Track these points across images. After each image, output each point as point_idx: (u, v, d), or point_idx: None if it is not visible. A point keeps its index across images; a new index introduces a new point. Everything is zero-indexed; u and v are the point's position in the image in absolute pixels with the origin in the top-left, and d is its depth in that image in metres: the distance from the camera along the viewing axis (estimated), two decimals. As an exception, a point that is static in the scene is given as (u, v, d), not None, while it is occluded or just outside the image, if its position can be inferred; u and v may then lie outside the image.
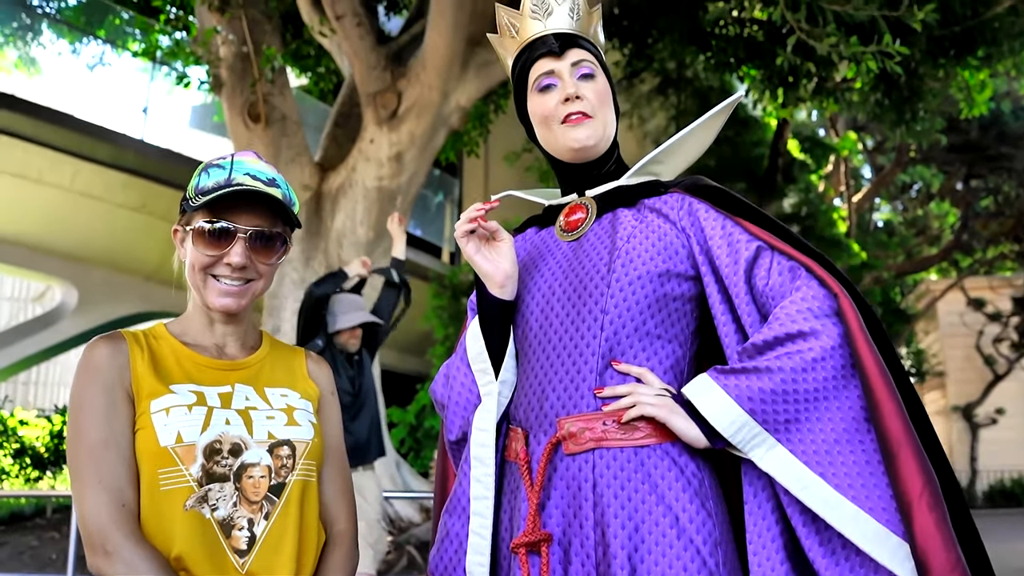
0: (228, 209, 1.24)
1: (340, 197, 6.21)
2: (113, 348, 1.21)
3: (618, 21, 7.32)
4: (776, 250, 1.25)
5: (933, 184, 16.28)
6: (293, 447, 1.23)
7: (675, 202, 1.34)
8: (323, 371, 1.41)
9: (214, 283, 1.25)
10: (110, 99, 9.65)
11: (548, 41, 1.35)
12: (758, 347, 1.17)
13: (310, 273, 6.05)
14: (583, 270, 1.30)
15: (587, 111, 1.33)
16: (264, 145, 6.10)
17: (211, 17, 6.03)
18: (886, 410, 1.10)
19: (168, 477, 1.14)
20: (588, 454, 1.21)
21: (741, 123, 11.49)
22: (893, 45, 4.33)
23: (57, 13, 10.01)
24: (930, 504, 1.04)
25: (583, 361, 1.25)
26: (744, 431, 1.14)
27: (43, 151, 8.62)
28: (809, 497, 1.09)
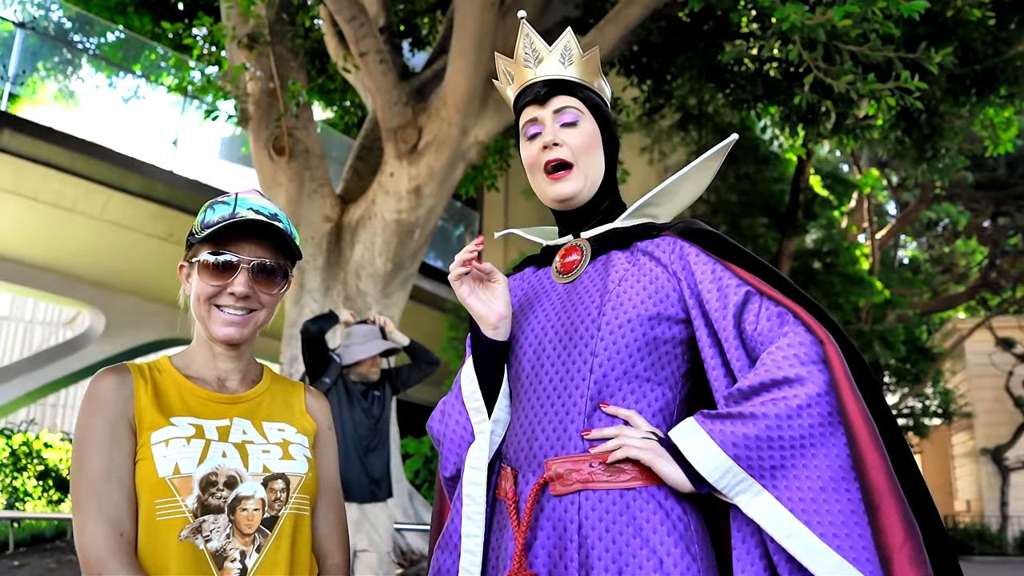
0: (232, 242, 1.28)
1: (360, 229, 6.32)
2: (118, 380, 1.24)
3: (637, 58, 7.43)
4: (765, 295, 1.25)
5: (959, 221, 16.13)
6: (287, 480, 1.25)
7: (667, 246, 1.34)
8: (321, 406, 1.43)
9: (218, 313, 1.28)
10: (142, 131, 9.92)
11: (535, 88, 1.38)
12: (744, 393, 1.17)
13: (329, 303, 6.15)
14: (575, 312, 1.32)
15: (566, 158, 1.35)
16: (287, 177, 6.24)
17: (240, 54, 6.22)
18: (869, 460, 1.10)
19: (164, 508, 1.16)
20: (574, 495, 1.22)
21: (762, 159, 11.50)
22: (911, 81, 4.33)
23: (96, 48, 10.34)
24: (911, 557, 1.04)
25: (572, 403, 1.26)
26: (729, 476, 1.14)
27: (78, 181, 8.85)
28: (794, 545, 1.09)
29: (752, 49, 5.37)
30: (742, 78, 6.34)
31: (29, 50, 9.59)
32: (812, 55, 4.41)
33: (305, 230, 6.30)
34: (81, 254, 10.14)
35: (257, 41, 6.10)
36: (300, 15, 6.43)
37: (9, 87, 9.07)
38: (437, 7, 7.94)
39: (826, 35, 4.17)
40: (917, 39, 4.83)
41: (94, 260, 10.33)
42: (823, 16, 3.95)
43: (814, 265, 12.00)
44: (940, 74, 5.26)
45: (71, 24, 10.13)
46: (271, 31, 6.15)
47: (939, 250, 17.50)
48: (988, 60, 5.62)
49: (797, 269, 11.65)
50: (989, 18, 5.35)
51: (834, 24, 4.04)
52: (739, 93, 6.43)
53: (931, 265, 17.03)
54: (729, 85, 6.55)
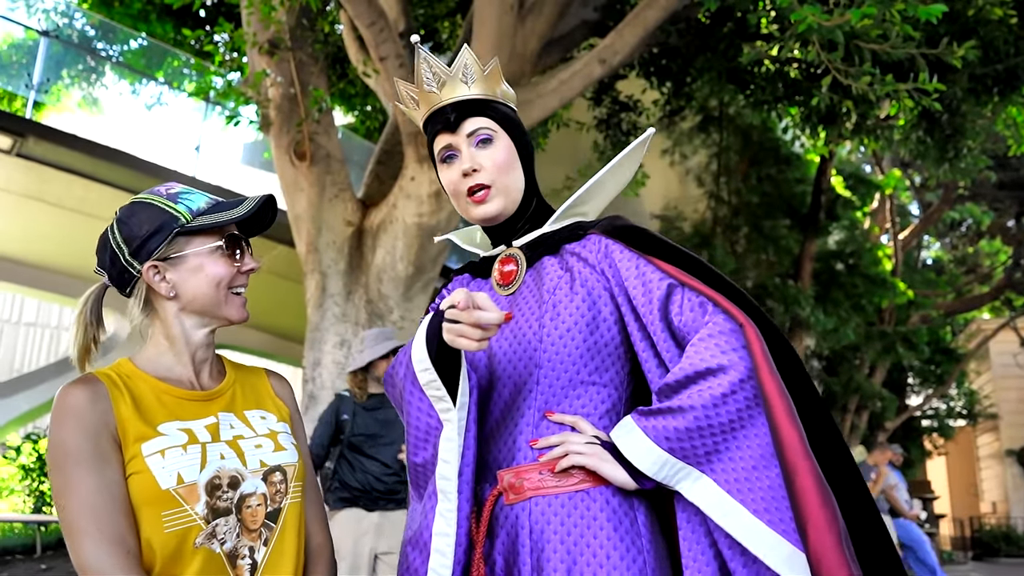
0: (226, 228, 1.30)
1: (381, 233, 6.35)
2: (92, 393, 1.19)
3: (656, 60, 7.41)
4: (686, 286, 1.28)
5: (983, 221, 15.95)
6: (284, 472, 1.27)
7: (593, 245, 1.37)
8: (286, 390, 1.44)
9: (234, 297, 1.30)
10: (165, 138, 10.02)
11: (444, 113, 1.37)
12: (672, 387, 1.22)
13: (351, 307, 6.18)
14: (517, 327, 1.34)
15: (485, 181, 1.36)
16: (309, 182, 6.29)
17: (261, 60, 6.27)
18: (785, 437, 1.13)
19: (172, 518, 1.15)
20: (526, 503, 1.26)
21: (783, 160, 11.43)
22: (930, 82, 4.30)
23: (119, 56, 10.46)
24: (827, 523, 1.06)
25: (520, 415, 1.31)
26: (667, 468, 1.20)
27: (102, 188, 8.94)
28: (730, 523, 1.14)
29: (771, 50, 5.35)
30: (762, 79, 6.32)
31: (53, 58, 9.71)
32: (831, 56, 4.39)
33: (327, 235, 6.34)
34: (105, 260, 10.24)
35: (278, 47, 6.14)
36: (320, 21, 6.48)
37: (34, 95, 9.19)
38: (456, 11, 7.97)
39: (844, 36, 4.14)
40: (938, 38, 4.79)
41: (118, 266, 10.43)
42: (841, 18, 3.93)
43: (836, 266, 11.91)
44: (961, 73, 5.21)
45: (94, 32, 10.25)
46: (292, 37, 6.20)
47: (963, 251, 17.31)
48: (1010, 59, 5.54)
49: (819, 270, 11.57)
50: (1011, 16, 5.30)
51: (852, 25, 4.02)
52: (759, 94, 6.41)
53: (955, 266, 16.85)
54: (749, 86, 6.52)
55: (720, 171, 11.37)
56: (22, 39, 10.25)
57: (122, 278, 1.29)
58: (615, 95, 7.97)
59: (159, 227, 1.25)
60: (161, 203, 1.28)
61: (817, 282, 11.33)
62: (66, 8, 10.49)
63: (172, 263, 1.26)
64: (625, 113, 7.86)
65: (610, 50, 5.68)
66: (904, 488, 8.38)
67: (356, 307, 6.22)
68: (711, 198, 11.47)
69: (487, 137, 1.37)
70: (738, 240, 11.65)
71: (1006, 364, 18.32)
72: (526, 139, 1.44)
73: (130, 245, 1.26)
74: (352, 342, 6.10)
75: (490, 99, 1.39)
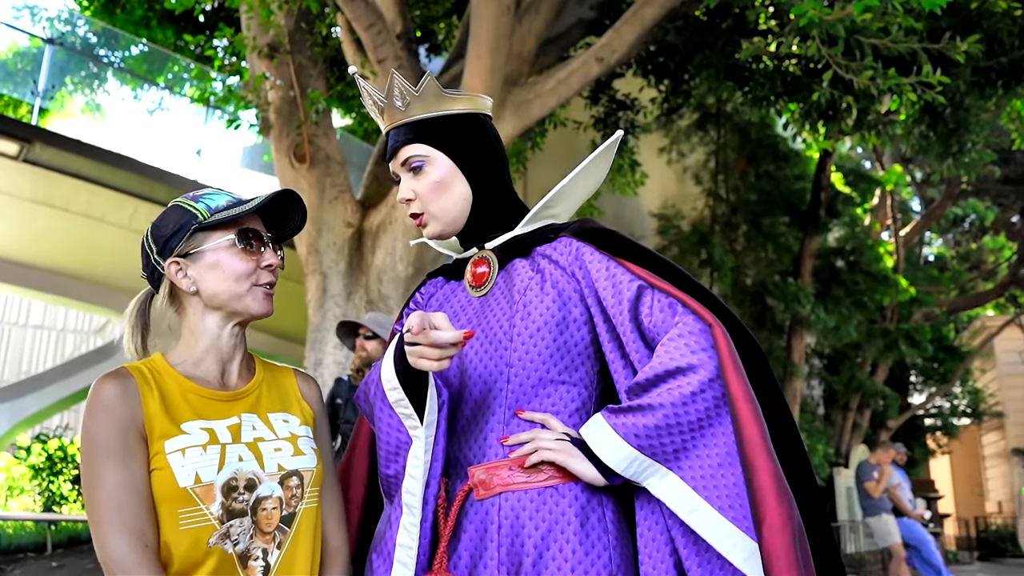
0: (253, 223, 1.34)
1: (380, 234, 6.38)
2: (123, 387, 1.23)
3: (654, 58, 7.43)
4: (656, 288, 1.32)
5: (987, 217, 15.90)
6: (301, 477, 1.29)
7: (563, 247, 1.41)
8: (313, 391, 1.47)
9: (258, 290, 1.32)
10: (167, 142, 10.10)
11: (388, 141, 1.44)
12: (642, 385, 1.25)
13: (351, 308, 6.22)
14: (489, 327, 1.38)
15: (417, 210, 1.42)
16: (309, 184, 6.33)
17: (261, 63, 6.33)
18: (747, 436, 1.17)
19: (189, 517, 1.18)
20: (495, 498, 1.28)
21: (782, 157, 11.42)
22: (933, 75, 4.28)
23: (121, 62, 10.54)
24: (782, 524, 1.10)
25: (491, 413, 1.33)
26: (635, 465, 1.22)
27: (107, 192, 9.03)
28: (695, 519, 1.17)
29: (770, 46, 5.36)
30: (761, 76, 6.32)
31: (57, 65, 9.80)
32: (832, 51, 4.38)
33: (327, 236, 6.38)
34: (111, 263, 10.34)
35: (277, 50, 6.19)
36: (318, 24, 6.53)
37: (39, 101, 9.27)
38: (453, 12, 8.02)
39: (845, 30, 4.13)
40: (940, 32, 4.76)
41: (123, 268, 10.51)
42: (842, 12, 3.93)
43: (837, 264, 11.90)
44: (965, 67, 5.18)
45: (97, 39, 10.33)
46: (290, 40, 6.24)
47: (966, 247, 17.26)
48: (1014, 52, 5.50)
49: (820, 268, 11.55)
50: (1015, 9, 5.27)
51: (853, 19, 4.01)
52: (758, 91, 6.40)
53: (958, 262, 16.79)
54: (748, 83, 6.53)
55: (718, 169, 11.36)
56: (27, 47, 10.34)
57: (153, 277, 1.36)
58: (612, 94, 7.99)
59: (180, 225, 1.32)
60: (185, 204, 1.34)
61: (818, 280, 11.31)
62: (69, 16, 10.58)
63: (192, 259, 1.31)
64: (623, 112, 7.89)
65: (608, 48, 5.71)
66: (908, 487, 8.36)
67: (357, 308, 6.26)
68: (709, 196, 11.46)
69: (418, 165, 1.41)
70: (737, 238, 11.64)
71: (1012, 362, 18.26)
72: (476, 147, 1.43)
73: (157, 244, 1.33)
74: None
75: (427, 118, 1.40)
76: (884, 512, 7.78)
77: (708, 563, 1.17)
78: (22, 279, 10.46)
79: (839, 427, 13.14)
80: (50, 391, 11.21)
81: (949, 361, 13.92)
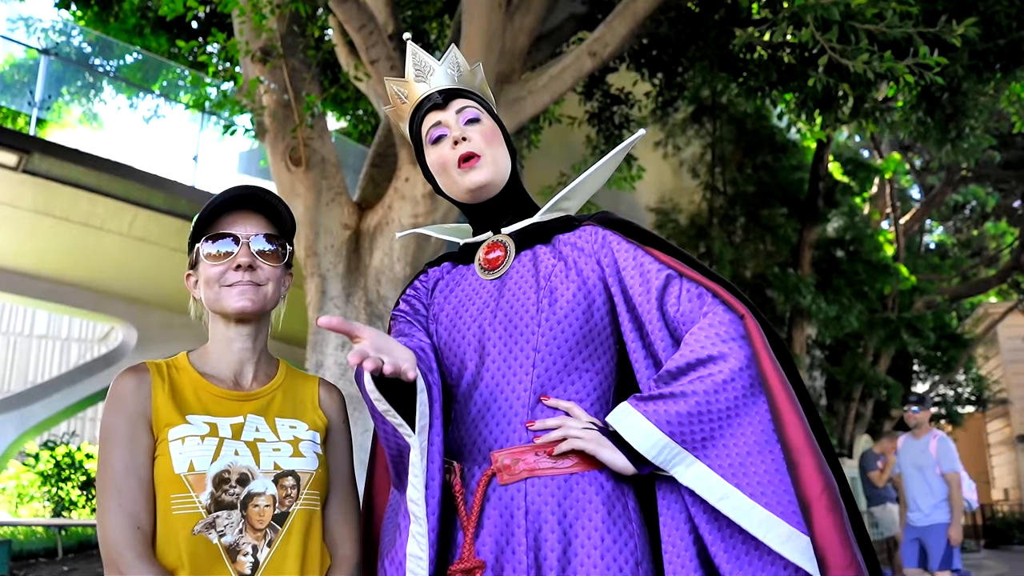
0: (228, 225, 1.36)
1: (378, 235, 6.39)
2: (137, 380, 1.32)
3: (647, 52, 7.42)
4: (684, 277, 1.34)
5: (988, 203, 15.86)
6: (298, 478, 1.30)
7: (589, 235, 1.43)
8: (334, 401, 1.47)
9: (227, 290, 1.35)
10: (164, 149, 10.14)
11: (433, 97, 1.44)
12: (672, 373, 1.26)
13: (350, 309, 6.23)
14: (512, 310, 1.37)
15: (475, 150, 1.41)
16: (305, 187, 6.34)
17: (255, 68, 6.34)
18: (788, 421, 1.19)
19: (179, 503, 1.23)
20: (521, 483, 1.28)
21: (779, 148, 11.41)
22: (931, 57, 4.24)
23: (116, 70, 10.57)
24: (828, 506, 1.12)
25: (515, 397, 1.32)
26: (666, 452, 1.23)
27: (106, 200, 9.08)
28: (727, 506, 1.18)
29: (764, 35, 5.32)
30: (755, 66, 6.29)
31: (53, 76, 9.84)
32: (826, 36, 4.36)
33: (325, 238, 6.39)
34: (112, 271, 10.38)
35: (271, 54, 6.20)
36: (311, 27, 6.54)
37: (37, 112, 9.31)
38: (444, 11, 8.02)
39: (840, 14, 4.10)
40: (936, 14, 4.72)
41: (124, 276, 10.57)
42: (837, -5, 3.91)
43: (837, 254, 11.88)
44: (962, 50, 5.11)
45: (91, 48, 10.37)
46: (283, 44, 6.26)
47: (967, 234, 17.21)
48: (1013, 33, 5.44)
49: (819, 258, 11.54)
50: (1012, -11, 5.22)
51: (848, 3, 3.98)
52: (753, 81, 6.36)
53: (959, 249, 16.75)
54: (742, 74, 6.51)
55: (715, 161, 11.36)
56: (23, 59, 10.37)
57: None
58: (606, 88, 7.99)
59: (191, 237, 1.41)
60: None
61: (817, 270, 11.30)
62: (64, 26, 10.61)
63: (197, 270, 1.40)
64: (617, 106, 7.88)
65: (600, 42, 5.70)
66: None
67: (356, 309, 6.27)
68: (707, 189, 11.45)
69: (475, 116, 1.43)
70: (735, 230, 11.63)
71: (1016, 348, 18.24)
72: (509, 137, 1.50)
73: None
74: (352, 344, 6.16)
75: (476, 92, 1.48)
76: (889, 501, 7.76)
77: (734, 548, 1.19)
78: (25, 289, 10.52)
79: (842, 417, 13.13)
80: (56, 399, 11.30)
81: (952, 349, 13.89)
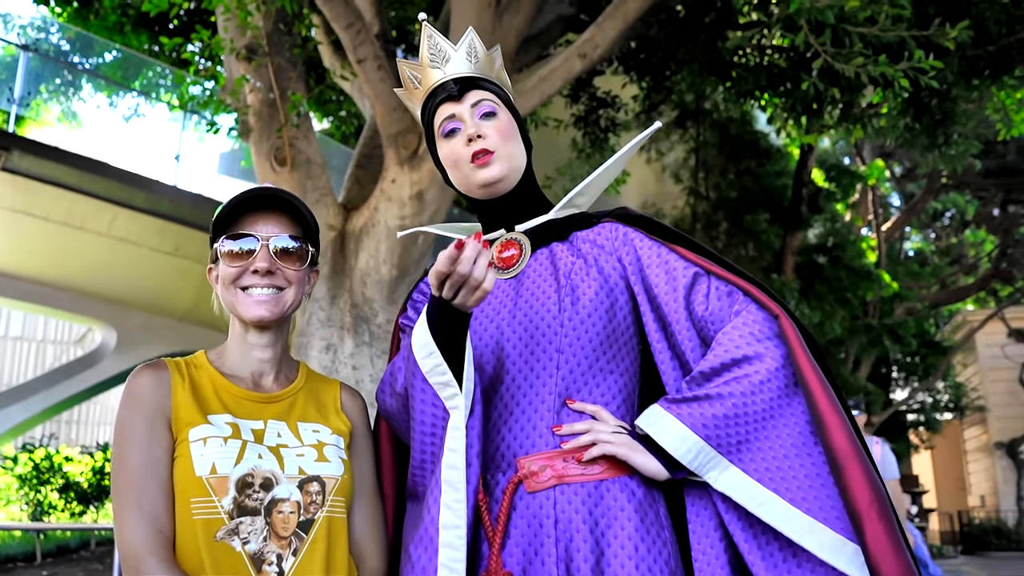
0: (249, 225, 1.30)
1: (363, 237, 6.34)
2: (156, 377, 1.26)
3: (635, 55, 7.43)
4: (712, 275, 1.29)
5: (967, 211, 16.03)
6: (323, 483, 1.24)
7: (609, 232, 1.38)
8: (357, 405, 1.42)
9: (244, 296, 1.29)
10: (145, 148, 10.02)
11: (448, 86, 1.38)
12: (705, 374, 1.21)
13: (335, 311, 6.16)
14: (531, 309, 1.32)
15: (489, 147, 1.35)
16: (290, 188, 6.26)
17: (239, 66, 6.27)
18: (831, 423, 1.14)
19: (201, 507, 1.17)
20: (549, 491, 1.22)
21: (763, 154, 11.46)
22: (926, 60, 4.21)
23: (96, 68, 10.44)
24: (879, 513, 1.08)
25: (540, 400, 1.27)
26: (701, 456, 1.18)
27: (87, 200, 8.97)
28: (767, 513, 1.13)
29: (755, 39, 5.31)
30: (744, 69, 6.29)
31: (32, 72, 9.70)
32: (819, 40, 4.35)
33: (309, 239, 6.34)
34: (91, 271, 10.25)
35: (256, 52, 6.13)
36: (297, 24, 6.48)
37: (16, 109, 9.18)
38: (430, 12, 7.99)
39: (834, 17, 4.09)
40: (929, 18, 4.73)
41: (104, 276, 10.43)
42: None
43: (819, 260, 11.95)
44: (953, 55, 5.14)
45: (71, 46, 10.23)
46: (269, 42, 6.19)
47: (947, 241, 17.39)
48: (1003, 39, 5.44)
49: (802, 264, 11.60)
50: (1001, -7, 5.25)
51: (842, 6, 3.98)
52: (742, 85, 6.36)
53: (939, 257, 16.91)
54: (731, 78, 6.51)
55: (698, 166, 11.39)
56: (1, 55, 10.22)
57: None
58: (593, 91, 7.99)
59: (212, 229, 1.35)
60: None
61: (800, 276, 11.36)
62: (43, 23, 10.46)
63: (217, 265, 1.34)
64: (603, 109, 7.88)
65: (590, 44, 5.70)
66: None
67: (341, 311, 6.21)
68: (690, 194, 11.48)
69: (491, 110, 1.37)
70: (718, 236, 11.66)
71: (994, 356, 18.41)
72: (524, 127, 1.45)
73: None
74: (338, 346, 6.08)
75: (493, 81, 1.42)
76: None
77: (772, 556, 1.14)
78: (2, 289, 10.37)
79: (823, 423, 13.13)
80: (34, 401, 11.16)
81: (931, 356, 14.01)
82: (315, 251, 1.35)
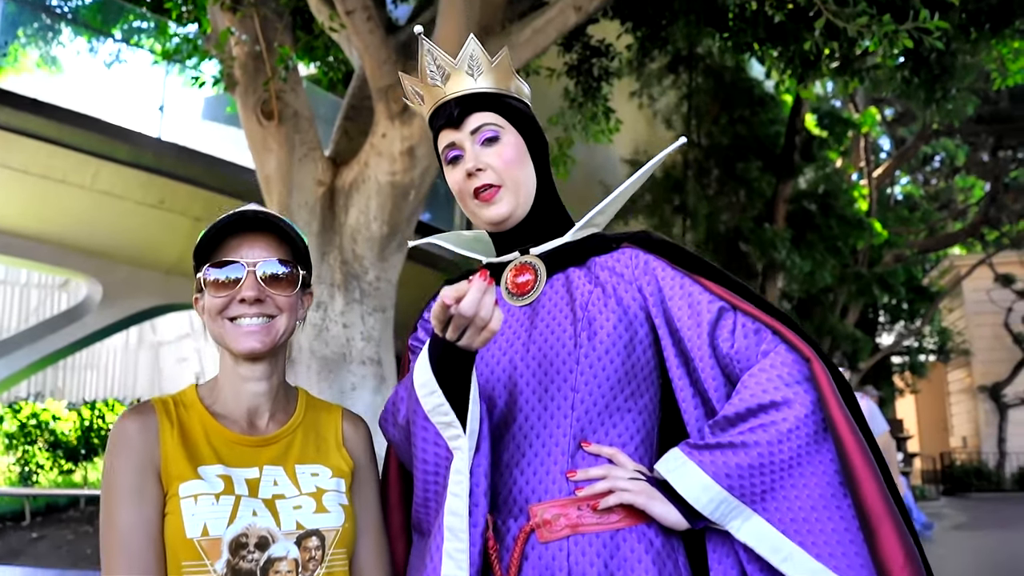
0: (233, 250, 1.21)
1: (353, 192, 6.24)
2: (143, 423, 1.18)
3: (631, 3, 7.26)
4: (739, 310, 1.21)
5: (958, 156, 15.97)
6: (322, 537, 1.18)
7: (628, 260, 1.29)
8: (360, 437, 1.33)
9: (233, 327, 1.20)
10: (127, 98, 9.76)
11: (448, 109, 1.28)
12: (730, 419, 1.15)
13: (325, 269, 6.11)
14: (546, 343, 1.24)
15: (492, 181, 1.26)
16: (278, 142, 6.15)
17: (224, 17, 6.07)
18: (862, 477, 1.09)
19: (192, 570, 1.11)
20: (563, 541, 1.16)
21: (756, 101, 11.33)
22: (931, 21, 4.12)
23: (74, 13, 10.13)
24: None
25: (553, 443, 1.20)
26: (723, 507, 1.13)
27: (67, 153, 8.78)
28: (791, 568, 1.08)
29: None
30: (743, 22, 6.16)
31: (8, 17, 9.40)
32: (822, -4, 4.23)
33: (298, 196, 6.23)
34: (75, 225, 10.10)
35: (241, 3, 5.94)
36: (283, -27, 6.27)
37: (-8, 57, 8.93)
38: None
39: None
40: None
41: (88, 230, 10.29)
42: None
43: (810, 207, 11.92)
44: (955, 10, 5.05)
45: (49, -11, 9.92)
46: (254, -9, 5.99)
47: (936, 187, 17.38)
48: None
49: (793, 212, 11.59)
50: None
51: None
52: (740, 37, 6.24)
53: (928, 202, 16.91)
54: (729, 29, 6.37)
55: (690, 113, 11.25)
56: (-25, -1, 9.88)
57: None
58: (586, 40, 7.81)
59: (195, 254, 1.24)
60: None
61: (791, 224, 11.35)
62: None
63: (202, 295, 1.24)
64: (597, 59, 7.72)
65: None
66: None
67: (331, 268, 6.15)
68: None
69: (493, 135, 1.27)
70: (710, 183, 11.60)
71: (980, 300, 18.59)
72: (540, 137, 1.33)
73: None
74: (328, 304, 6.04)
75: (498, 93, 1.29)
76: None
77: None
78: (-16, 241, 10.23)
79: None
80: (19, 356, 11.09)
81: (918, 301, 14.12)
82: (307, 274, 1.26)
